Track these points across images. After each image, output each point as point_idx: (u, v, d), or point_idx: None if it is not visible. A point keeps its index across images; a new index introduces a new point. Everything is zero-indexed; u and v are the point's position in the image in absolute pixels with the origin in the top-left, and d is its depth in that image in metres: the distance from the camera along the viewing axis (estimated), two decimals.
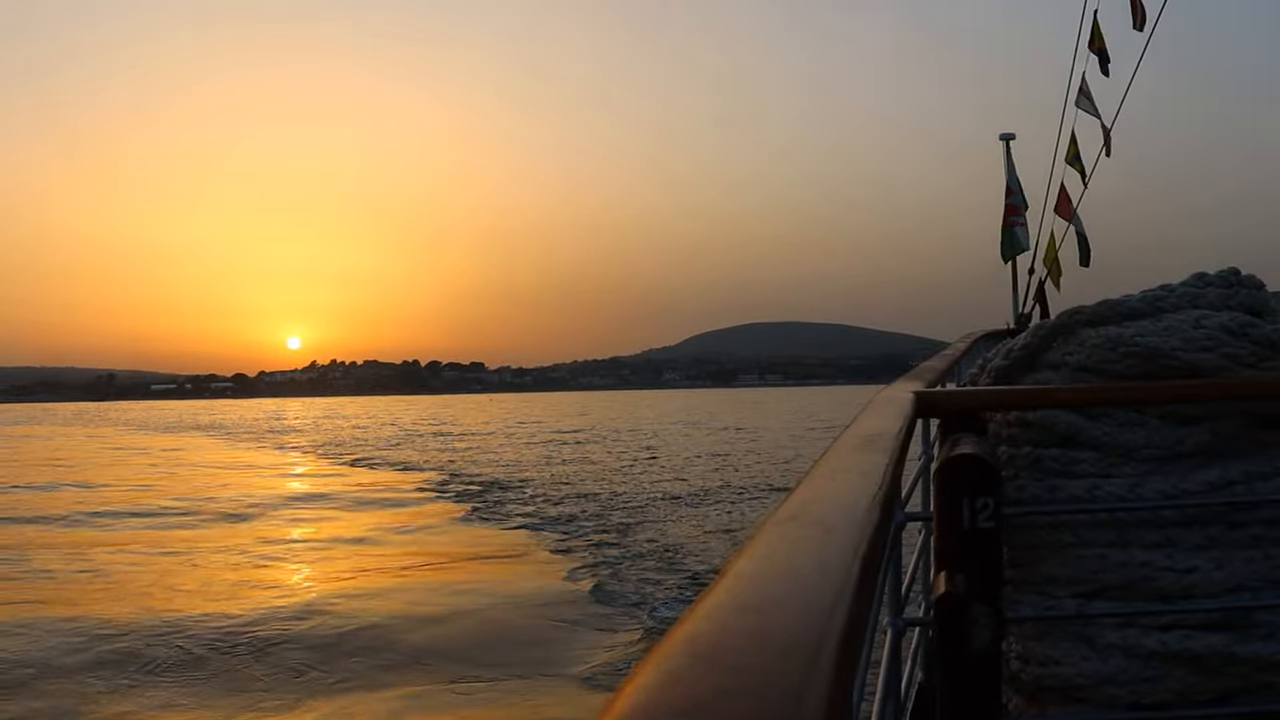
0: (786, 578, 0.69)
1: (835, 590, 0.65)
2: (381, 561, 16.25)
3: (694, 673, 0.48)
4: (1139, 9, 9.50)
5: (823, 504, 1.00)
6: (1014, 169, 13.14)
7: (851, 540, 0.80)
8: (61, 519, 21.66)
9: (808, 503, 0.99)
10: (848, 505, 0.97)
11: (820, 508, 0.97)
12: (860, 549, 0.78)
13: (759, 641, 0.54)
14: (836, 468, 1.23)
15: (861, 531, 0.85)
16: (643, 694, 0.46)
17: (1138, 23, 9.51)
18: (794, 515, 0.90)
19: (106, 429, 66.87)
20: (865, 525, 0.88)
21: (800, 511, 0.92)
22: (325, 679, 9.75)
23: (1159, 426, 2.73)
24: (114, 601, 13.09)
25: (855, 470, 1.21)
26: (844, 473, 1.20)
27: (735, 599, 0.62)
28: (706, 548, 16.80)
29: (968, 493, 2.36)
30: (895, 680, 2.33)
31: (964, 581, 2.30)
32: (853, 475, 1.17)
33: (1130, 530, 2.68)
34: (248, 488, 28.41)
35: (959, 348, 6.02)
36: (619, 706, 0.44)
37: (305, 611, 12.42)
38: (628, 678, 0.48)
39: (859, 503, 0.99)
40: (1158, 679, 2.59)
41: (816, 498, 1.03)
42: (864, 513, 0.94)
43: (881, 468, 1.22)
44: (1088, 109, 10.39)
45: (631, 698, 0.45)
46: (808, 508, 0.96)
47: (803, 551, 0.78)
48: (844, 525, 0.85)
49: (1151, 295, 2.85)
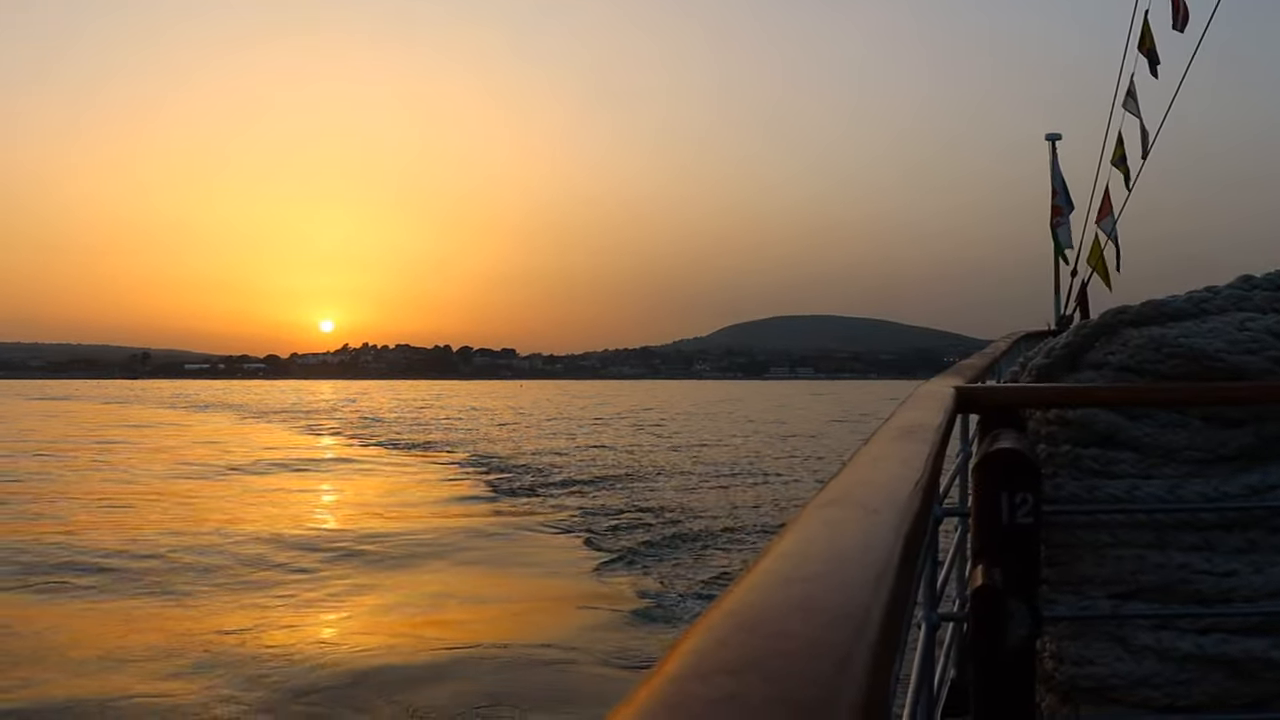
0: (830, 555, 0.71)
1: (879, 568, 0.67)
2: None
3: (740, 638, 0.50)
4: (1180, 10, 9.35)
5: (864, 488, 1.01)
6: (1059, 169, 12.99)
7: (893, 522, 0.81)
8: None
9: (850, 487, 1.01)
10: (889, 490, 0.99)
11: (862, 491, 0.99)
12: (903, 529, 0.79)
13: (804, 611, 0.56)
14: (878, 455, 1.25)
15: (903, 515, 0.86)
16: (691, 656, 0.48)
17: (1178, 23, 9.37)
18: (835, 499, 0.91)
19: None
20: (907, 510, 0.90)
21: (842, 496, 0.93)
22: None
23: (1201, 428, 2.72)
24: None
25: (896, 458, 1.23)
26: (885, 460, 1.22)
27: (779, 574, 0.64)
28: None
29: (1007, 488, 2.36)
30: (929, 674, 2.34)
31: (1000, 576, 2.30)
32: (894, 463, 1.19)
33: (1169, 532, 2.67)
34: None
35: (1000, 346, 5.98)
36: (668, 667, 0.46)
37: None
38: (675, 643, 0.50)
39: (900, 488, 1.01)
40: (1193, 682, 2.59)
41: (858, 482, 1.05)
42: (905, 497, 0.95)
43: (922, 457, 1.24)
44: (1134, 111, 10.25)
45: (680, 660, 0.47)
46: (850, 492, 0.98)
47: (845, 532, 0.79)
48: (886, 508, 0.87)
49: (1197, 296, 2.84)
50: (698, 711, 0.42)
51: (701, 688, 0.44)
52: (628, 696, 0.43)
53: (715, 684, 0.45)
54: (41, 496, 20.96)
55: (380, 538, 16.23)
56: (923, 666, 2.18)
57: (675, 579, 13.08)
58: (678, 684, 0.45)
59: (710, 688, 0.44)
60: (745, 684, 0.45)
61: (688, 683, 0.45)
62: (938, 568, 2.52)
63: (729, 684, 0.44)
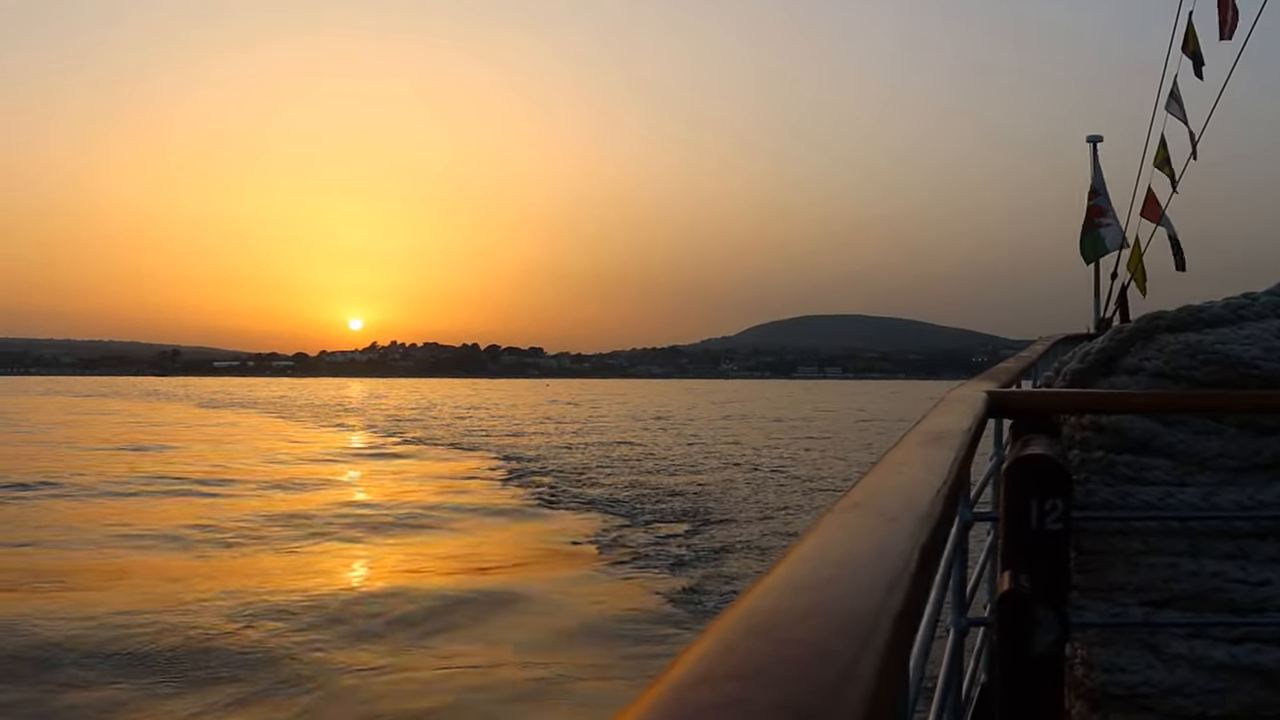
0: (845, 560, 0.71)
1: (892, 575, 0.66)
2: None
3: (748, 643, 0.51)
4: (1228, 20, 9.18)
5: (886, 495, 1.01)
6: (1100, 171, 12.83)
7: (911, 529, 0.81)
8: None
9: (871, 493, 1.01)
10: (910, 497, 0.99)
11: (883, 498, 0.99)
12: (920, 538, 0.78)
13: (813, 618, 0.56)
14: (903, 461, 1.24)
15: (922, 523, 0.86)
16: (699, 661, 0.48)
17: (1226, 33, 9.20)
18: (856, 505, 0.91)
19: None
20: (927, 517, 0.89)
21: (864, 501, 0.93)
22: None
23: (1236, 436, 2.68)
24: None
25: (921, 464, 1.22)
26: (910, 466, 1.21)
27: (792, 580, 0.64)
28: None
29: (1036, 493, 2.34)
30: (957, 678, 2.32)
31: (1028, 582, 2.28)
32: (918, 469, 1.18)
33: (1202, 540, 2.64)
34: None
35: (1036, 349, 5.93)
36: (675, 672, 0.47)
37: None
38: (685, 649, 0.51)
39: (922, 495, 1.00)
40: (1226, 692, 2.55)
41: (880, 488, 1.05)
42: (926, 505, 0.95)
43: (947, 463, 1.23)
44: (1177, 114, 10.10)
45: (687, 665, 0.48)
46: (871, 498, 0.98)
47: (860, 538, 0.79)
48: (905, 515, 0.86)
49: (1234, 303, 2.79)
50: (700, 715, 0.42)
51: (706, 692, 0.45)
52: (632, 701, 0.44)
53: (721, 689, 0.45)
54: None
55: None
56: (951, 669, 2.17)
57: None
58: (680, 690, 0.45)
59: (716, 693, 0.45)
60: (750, 689, 0.45)
61: (691, 688, 0.45)
62: (967, 571, 2.50)
63: (734, 689, 0.45)
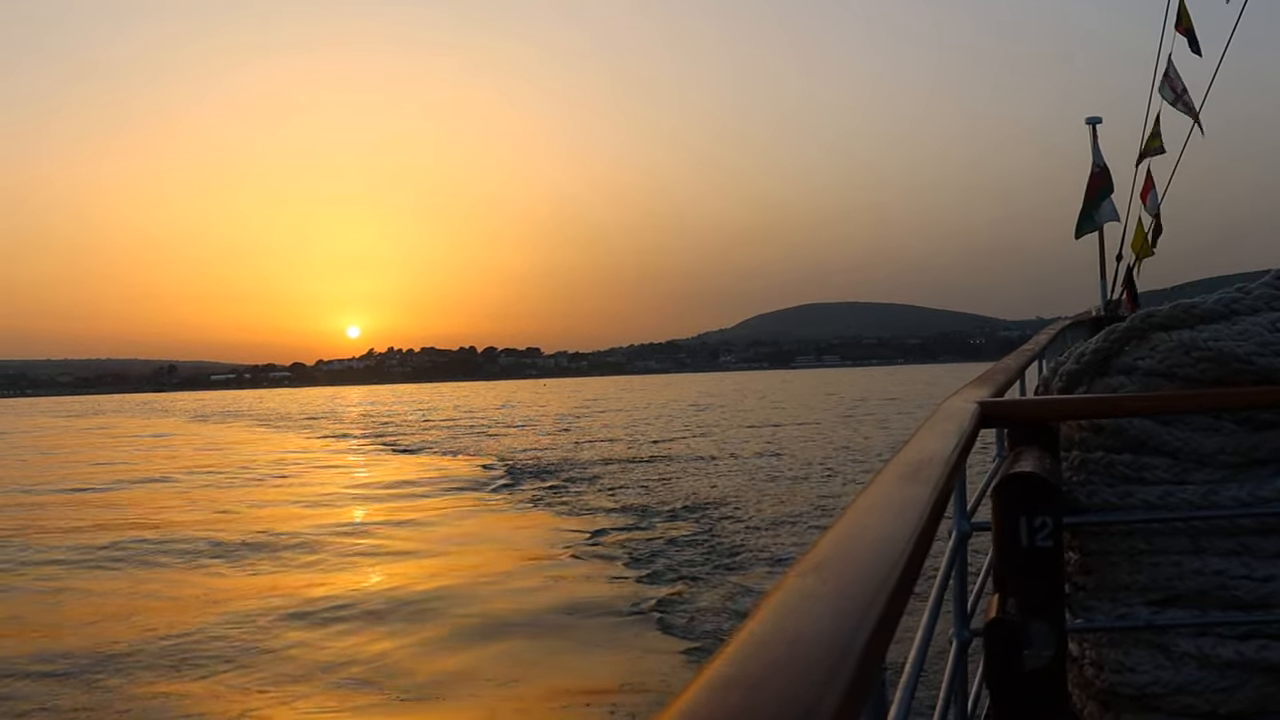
0: (794, 640, 0.70)
1: (869, 592, 0.72)
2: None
3: (731, 697, 0.58)
4: None
5: (870, 514, 1.07)
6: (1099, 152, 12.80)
7: (869, 597, 0.80)
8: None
9: (858, 512, 1.07)
10: (894, 514, 1.05)
11: (867, 518, 1.04)
12: (878, 604, 0.77)
13: (791, 648, 0.64)
14: (888, 482, 1.29)
15: (905, 541, 0.91)
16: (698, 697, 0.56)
17: None
18: (816, 566, 0.91)
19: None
20: (909, 534, 0.94)
21: (822, 562, 0.93)
22: None
23: (1234, 431, 2.69)
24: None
25: (910, 481, 1.27)
26: (899, 484, 1.26)
27: (724, 677, 0.62)
28: None
29: (1025, 510, 2.37)
30: (960, 690, 2.34)
31: (1016, 605, 2.31)
32: (906, 486, 1.24)
33: (1205, 538, 2.65)
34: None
35: (1041, 340, 5.95)
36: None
37: None
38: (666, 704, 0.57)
39: (906, 514, 1.05)
40: (1234, 688, 2.57)
41: (866, 507, 1.11)
42: (910, 523, 1.00)
43: (932, 483, 1.27)
44: (1168, 97, 10.09)
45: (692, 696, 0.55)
46: (857, 517, 1.04)
47: (839, 556, 0.85)
48: (861, 583, 0.84)
49: (1227, 297, 2.80)
50: None
51: None
52: None
53: None
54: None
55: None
56: (953, 681, 2.18)
57: None
58: None
59: None
60: None
61: None
62: (968, 584, 2.52)
63: None
